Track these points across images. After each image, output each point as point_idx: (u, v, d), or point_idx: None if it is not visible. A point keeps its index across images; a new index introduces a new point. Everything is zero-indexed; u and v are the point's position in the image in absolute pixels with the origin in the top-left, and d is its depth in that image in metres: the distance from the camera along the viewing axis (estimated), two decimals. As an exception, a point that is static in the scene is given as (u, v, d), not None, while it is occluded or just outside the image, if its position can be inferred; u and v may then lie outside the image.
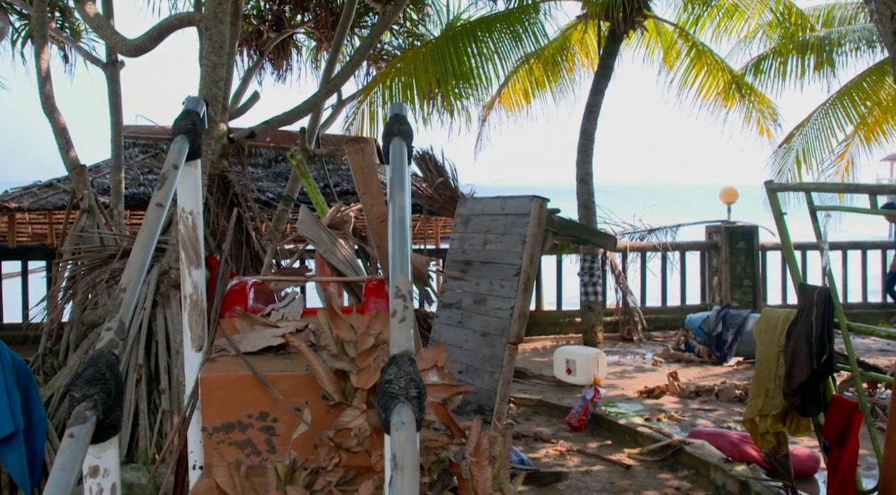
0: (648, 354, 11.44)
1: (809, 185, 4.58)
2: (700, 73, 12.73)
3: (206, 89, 6.47)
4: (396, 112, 2.67)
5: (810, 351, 4.53)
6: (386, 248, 2.70)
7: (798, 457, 6.30)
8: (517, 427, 7.74)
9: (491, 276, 6.26)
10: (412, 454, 1.60)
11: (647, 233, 13.84)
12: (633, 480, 6.35)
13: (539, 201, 5.97)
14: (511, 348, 5.90)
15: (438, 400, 2.33)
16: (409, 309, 1.94)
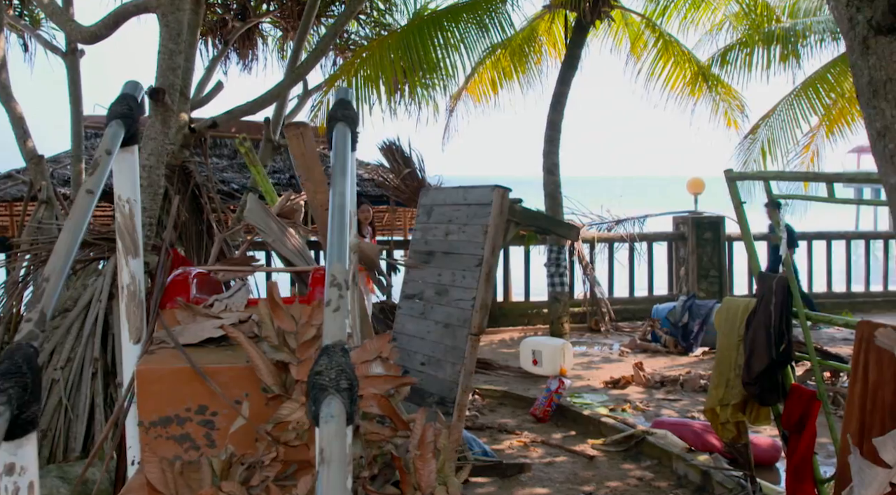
0: (616, 345, 11.47)
1: (768, 174, 4.56)
2: (667, 63, 12.74)
3: (162, 77, 6.34)
4: (341, 97, 2.60)
5: (769, 340, 4.52)
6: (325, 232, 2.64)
7: (760, 447, 6.33)
8: (482, 418, 7.70)
9: (453, 267, 6.20)
10: (340, 448, 1.54)
11: (615, 224, 13.87)
12: (596, 471, 6.34)
13: (501, 191, 5.92)
14: (473, 339, 5.85)
15: (382, 392, 2.27)
16: (345, 298, 1.88)
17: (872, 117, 3.31)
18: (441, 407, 5.92)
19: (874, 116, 3.30)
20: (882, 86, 3.25)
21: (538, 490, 5.94)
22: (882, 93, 3.25)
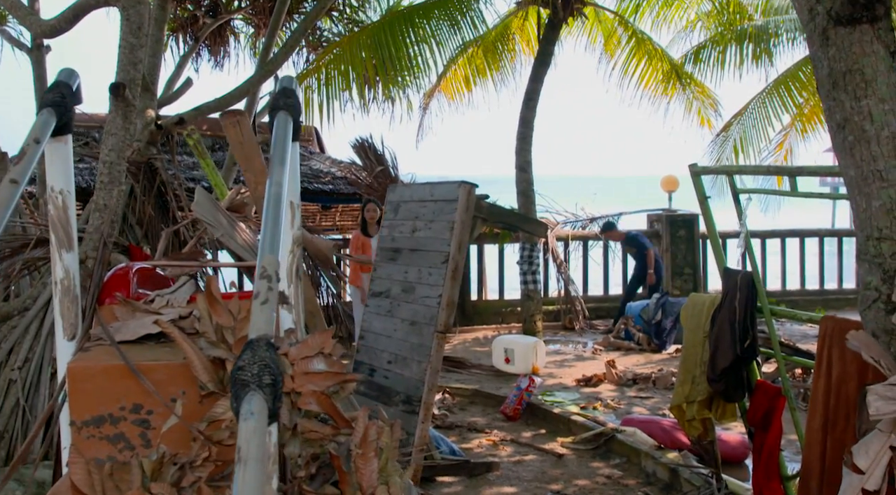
0: (589, 343, 11.43)
1: (731, 168, 4.54)
2: (640, 61, 12.73)
3: (123, 72, 6.21)
4: (285, 85, 2.52)
5: (733, 335, 4.48)
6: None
7: (729, 444, 6.30)
8: (451, 417, 7.63)
9: (419, 264, 6.13)
10: (258, 446, 1.46)
11: (589, 222, 13.84)
12: (565, 469, 6.28)
13: (467, 187, 5.86)
14: (439, 337, 5.79)
15: (322, 388, 2.19)
16: (274, 290, 1.80)
17: (832, 109, 3.27)
18: (407, 406, 5.86)
19: (834, 108, 3.26)
20: (842, 77, 3.21)
21: (506, 489, 5.88)
22: (841, 84, 3.22)
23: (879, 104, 3.11)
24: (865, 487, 2.76)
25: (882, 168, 3.07)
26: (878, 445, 2.74)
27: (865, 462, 2.73)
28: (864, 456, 2.75)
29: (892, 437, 2.66)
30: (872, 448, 2.74)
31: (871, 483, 2.72)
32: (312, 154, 13.73)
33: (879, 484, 2.71)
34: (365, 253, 9.32)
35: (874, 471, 2.71)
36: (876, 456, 2.75)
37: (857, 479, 2.76)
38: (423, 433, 5.71)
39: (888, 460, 2.71)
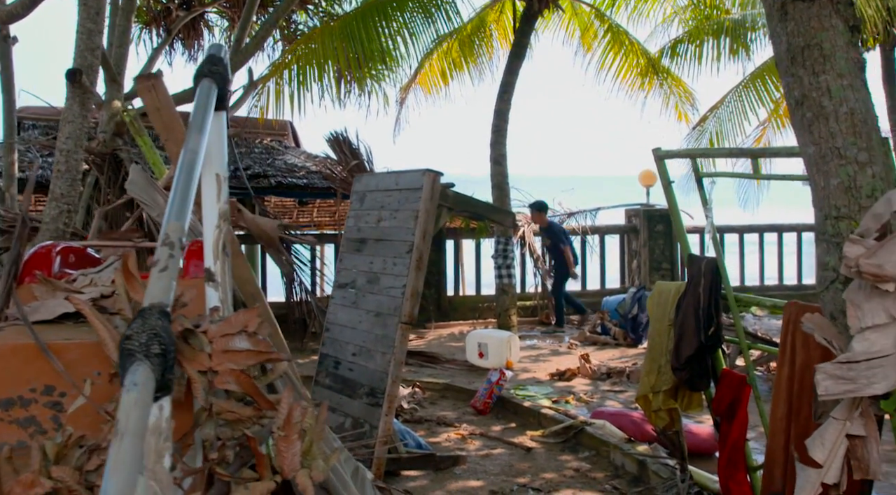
0: (566, 338, 11.33)
1: (695, 151, 4.45)
2: (617, 55, 12.66)
3: (80, 58, 6.07)
4: (212, 52, 2.40)
5: (697, 323, 4.39)
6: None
7: (699, 436, 6.22)
8: (421, 411, 7.52)
9: (384, 254, 6.02)
10: (138, 419, 1.35)
11: (567, 217, 13.75)
12: (533, 462, 6.19)
13: (432, 175, 5.74)
14: (403, 327, 5.67)
15: (242, 367, 2.08)
16: (175, 258, 1.69)
17: (791, 85, 3.18)
18: (371, 399, 5.75)
19: (792, 85, 3.17)
20: (800, 52, 3.12)
21: (472, 482, 5.77)
22: (800, 60, 3.12)
23: (838, 79, 3.02)
24: (825, 481, 2.65)
25: (840, 145, 2.98)
26: (834, 435, 2.63)
27: (822, 454, 2.63)
28: (820, 448, 2.64)
29: (846, 425, 2.56)
30: (828, 438, 2.63)
31: (830, 476, 2.62)
32: (287, 148, 13.56)
33: (839, 476, 2.61)
34: None
35: (832, 464, 2.61)
36: (832, 446, 2.64)
37: (814, 474, 2.66)
38: (387, 426, 5.59)
39: (845, 450, 2.61)
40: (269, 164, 12.56)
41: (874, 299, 2.21)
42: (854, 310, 2.27)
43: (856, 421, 2.51)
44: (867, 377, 2.33)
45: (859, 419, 2.51)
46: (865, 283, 2.25)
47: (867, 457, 2.57)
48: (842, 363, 2.31)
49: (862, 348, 2.27)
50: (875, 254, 2.13)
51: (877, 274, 2.12)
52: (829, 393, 2.34)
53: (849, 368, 2.34)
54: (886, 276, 2.12)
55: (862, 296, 2.25)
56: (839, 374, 2.35)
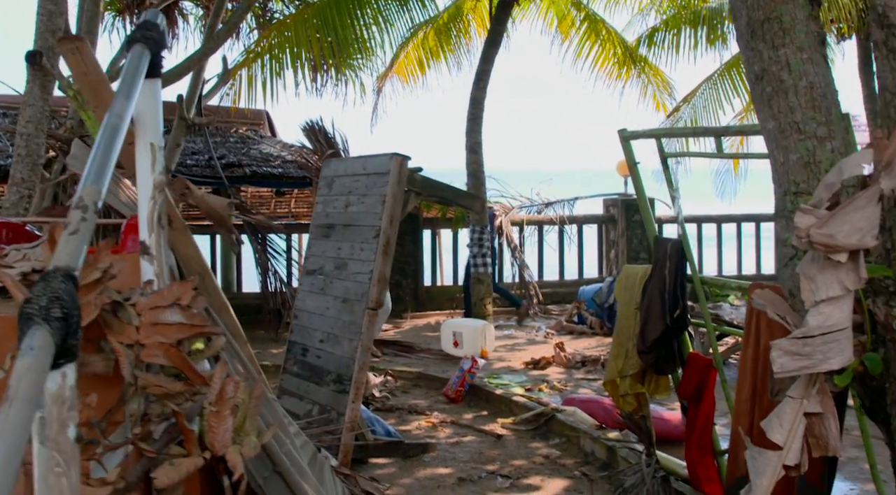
0: (543, 327, 11.29)
1: (659, 131, 4.39)
2: (594, 44, 12.58)
3: (41, 40, 5.96)
4: (147, 18, 2.32)
5: (663, 306, 4.35)
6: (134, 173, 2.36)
7: (670, 423, 6.18)
8: (393, 400, 7.46)
9: (352, 240, 5.94)
10: (31, 386, 1.27)
11: (545, 207, 13.69)
12: (503, 450, 6.14)
13: (399, 159, 5.67)
14: (370, 313, 5.60)
15: (172, 341, 2.00)
16: (88, 222, 1.61)
17: (751, 60, 3.13)
18: (338, 386, 5.68)
19: (752, 59, 3.11)
20: (760, 26, 3.07)
21: (441, 470, 5.71)
22: (760, 33, 3.07)
23: (797, 53, 2.97)
24: (786, 463, 2.59)
25: (799, 120, 2.93)
26: (792, 414, 2.57)
27: (781, 435, 2.57)
28: (779, 429, 2.58)
29: (804, 403, 2.51)
30: (786, 418, 2.57)
31: (790, 457, 2.56)
32: (263, 138, 13.45)
33: (799, 456, 2.55)
34: None
35: (792, 444, 2.55)
36: (791, 426, 2.59)
37: (774, 456, 2.59)
38: (354, 413, 5.52)
39: (804, 429, 2.56)
40: (244, 154, 12.44)
41: (827, 271, 2.16)
42: (808, 283, 2.21)
43: (813, 398, 2.46)
44: (823, 352, 2.27)
45: (816, 396, 2.46)
46: (819, 256, 2.20)
47: (826, 435, 2.52)
48: (797, 338, 2.26)
49: (816, 322, 2.22)
50: (826, 223, 2.08)
51: (828, 244, 2.06)
52: (784, 370, 2.28)
53: (804, 344, 2.28)
54: (838, 246, 2.06)
55: (815, 268, 2.19)
56: (794, 350, 2.29)
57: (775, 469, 2.62)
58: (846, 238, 2.06)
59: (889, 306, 2.31)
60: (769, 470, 2.63)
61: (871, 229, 2.05)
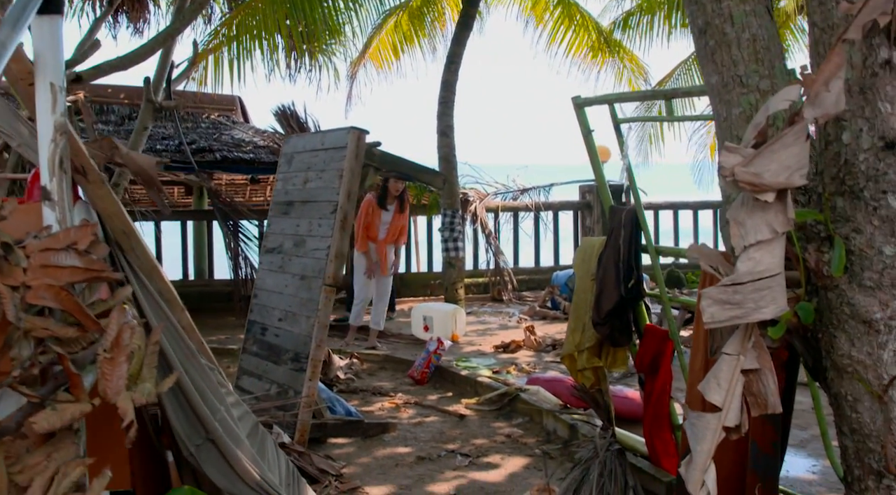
0: (516, 313, 11.22)
1: (611, 96, 4.30)
2: (569, 28, 12.50)
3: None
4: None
5: (618, 275, 4.27)
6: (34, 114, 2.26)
7: (634, 401, 6.11)
8: (357, 382, 7.35)
9: (310, 216, 5.84)
10: None
11: (520, 193, 13.60)
12: (465, 429, 6.06)
13: (356, 132, 5.57)
14: (327, 290, 5.51)
15: (62, 284, 1.90)
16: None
17: (695, 14, 3.04)
18: (295, 364, 5.58)
19: (696, 13, 3.02)
20: (703, -22, 2.99)
21: (400, 449, 5.62)
22: (703, -15, 2.99)
23: (740, 5, 2.88)
24: (726, 424, 2.50)
25: (742, 73, 2.85)
26: (729, 372, 2.48)
27: (719, 396, 2.47)
28: (717, 390, 2.49)
29: (741, 360, 2.42)
30: (723, 377, 2.47)
31: (730, 418, 2.46)
32: (235, 123, 13.29)
33: (739, 417, 2.46)
34: (373, 223, 8.85)
35: (731, 404, 2.46)
36: (729, 385, 2.50)
37: (714, 419, 2.50)
38: (311, 391, 5.43)
39: (742, 388, 2.47)
40: (215, 139, 12.29)
41: (756, 214, 2.07)
42: (737, 228, 2.13)
43: (749, 353, 2.37)
44: (755, 300, 2.18)
45: (752, 351, 2.37)
46: (748, 200, 2.11)
47: (764, 392, 2.43)
48: (727, 286, 2.16)
49: (747, 268, 2.13)
50: (752, 162, 1.99)
51: (754, 182, 1.98)
52: (715, 320, 2.19)
53: (734, 291, 2.19)
54: (765, 185, 1.98)
55: (744, 213, 2.11)
56: (725, 299, 2.20)
57: (715, 432, 2.52)
58: (773, 177, 1.98)
59: (820, 252, 2.24)
60: (709, 433, 2.52)
61: (799, 167, 1.97)
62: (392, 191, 8.82)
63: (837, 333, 2.27)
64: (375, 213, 8.89)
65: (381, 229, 8.91)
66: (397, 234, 9.11)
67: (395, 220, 8.99)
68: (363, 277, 9.00)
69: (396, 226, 9.00)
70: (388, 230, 8.95)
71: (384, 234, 8.94)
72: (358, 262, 9.12)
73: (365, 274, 8.96)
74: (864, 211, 2.10)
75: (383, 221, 8.88)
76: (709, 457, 2.50)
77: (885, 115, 2.04)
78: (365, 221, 8.85)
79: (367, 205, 8.91)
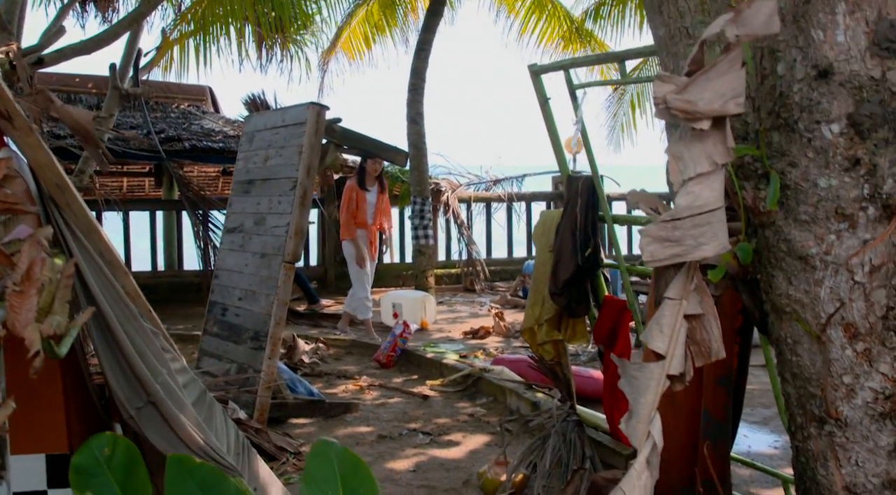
0: (487, 302, 11.17)
1: (565, 62, 4.26)
2: (540, 18, 12.48)
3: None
4: None
5: (574, 244, 4.22)
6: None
7: (599, 381, 6.08)
8: (323, 366, 7.29)
9: (270, 193, 5.77)
10: None
11: (493, 184, 13.56)
12: (429, 409, 6.00)
13: (316, 108, 5.50)
14: (287, 267, 5.43)
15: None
16: None
17: (643, -34, 3.02)
18: (255, 343, 5.51)
19: (644, -36, 3.00)
20: (650, -71, 2.95)
21: (362, 428, 5.56)
22: (650, -64, 2.95)
23: (687, -46, 2.85)
24: (669, 372, 2.44)
25: (689, 24, 2.81)
26: (671, 318, 2.42)
27: (662, 343, 2.41)
28: (660, 336, 2.42)
29: (683, 305, 2.37)
30: (666, 323, 2.40)
31: (674, 366, 2.40)
32: (206, 113, 13.18)
33: (683, 365, 2.40)
34: (360, 207, 8.51)
35: (674, 351, 2.40)
36: (672, 332, 2.44)
37: (657, 367, 2.43)
38: (270, 369, 5.35)
39: (686, 334, 2.42)
40: (184, 129, 12.18)
41: (695, 146, 2.02)
42: (675, 163, 2.07)
43: (692, 297, 2.32)
44: (694, 237, 2.13)
45: (695, 295, 2.32)
46: (686, 133, 2.07)
47: (708, 339, 2.38)
48: (666, 222, 2.11)
49: (685, 202, 2.07)
50: (686, 90, 1.95)
51: (687, 109, 1.93)
52: (654, 259, 2.14)
53: (674, 227, 2.13)
54: (699, 113, 1.93)
55: (682, 146, 2.06)
56: (664, 236, 2.14)
57: (659, 381, 2.45)
58: (708, 104, 1.93)
59: (757, 189, 2.20)
60: (653, 384, 2.45)
61: (734, 95, 1.92)
62: (371, 172, 8.55)
63: (775, 272, 2.23)
64: (360, 197, 8.58)
65: (368, 213, 8.62)
66: (382, 217, 8.92)
67: (379, 201, 8.73)
68: (356, 268, 8.69)
69: (380, 208, 8.77)
70: (375, 212, 8.69)
71: (372, 219, 8.69)
72: (348, 253, 8.79)
73: (357, 263, 8.67)
74: (798, 143, 2.06)
75: (369, 203, 8.62)
76: (653, 408, 2.44)
77: (817, 44, 2.00)
78: (350, 207, 8.55)
79: (350, 190, 8.63)
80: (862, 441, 2.32)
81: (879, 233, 2.02)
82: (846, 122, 1.97)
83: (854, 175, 1.99)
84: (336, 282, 12.15)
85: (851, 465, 2.37)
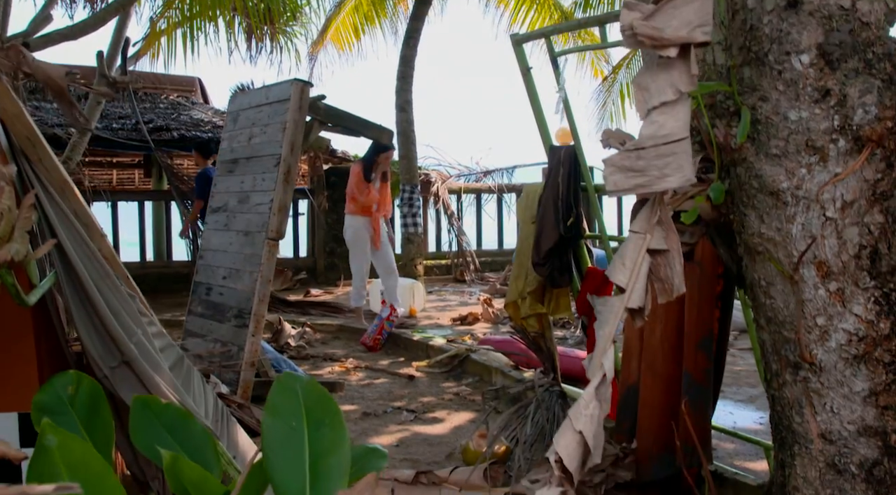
0: (477, 292, 11.15)
1: (547, 30, 4.27)
2: (531, 8, 12.46)
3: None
4: None
5: (556, 214, 4.20)
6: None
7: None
8: (309, 350, 7.26)
9: (254, 172, 5.73)
10: None
11: (483, 176, 13.55)
12: (414, 389, 5.98)
13: (300, 84, 5.47)
14: (270, 244, 5.40)
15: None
16: None
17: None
18: (238, 321, 5.48)
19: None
20: None
21: (346, 406, 5.54)
22: None
23: None
24: (629, 305, 2.39)
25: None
26: (635, 251, 2.36)
27: (624, 276, 2.37)
28: (621, 269, 2.38)
29: (647, 239, 2.34)
30: (628, 255, 2.35)
31: (633, 299, 2.37)
32: (195, 104, 13.15)
33: (643, 299, 2.38)
34: (361, 194, 8.26)
35: (635, 285, 2.38)
36: (634, 265, 2.39)
37: (617, 300, 2.39)
38: (254, 347, 5.31)
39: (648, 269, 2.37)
40: (173, 119, 12.15)
41: (660, 76, 2.00)
42: (640, 93, 2.05)
43: (656, 232, 2.29)
44: (659, 167, 2.09)
45: (659, 230, 2.29)
46: (652, 63, 2.05)
47: (671, 275, 2.35)
48: (629, 151, 2.07)
49: (650, 131, 2.04)
50: (652, 16, 1.93)
51: (654, 36, 1.91)
52: (618, 188, 2.11)
53: (638, 157, 2.09)
54: (665, 40, 1.91)
55: (648, 77, 2.04)
56: (628, 165, 2.10)
57: (618, 314, 2.39)
58: (675, 32, 1.91)
59: (729, 127, 2.18)
60: (612, 316, 2.40)
61: (701, 23, 1.90)
62: (382, 165, 8.36)
63: (747, 211, 2.21)
64: (360, 185, 8.34)
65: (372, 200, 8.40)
66: (384, 205, 8.69)
67: (383, 190, 8.54)
68: (358, 252, 8.50)
69: (384, 197, 8.58)
70: (379, 201, 8.47)
71: (376, 206, 8.45)
72: (351, 236, 8.56)
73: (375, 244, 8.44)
74: (769, 76, 2.04)
75: (373, 192, 8.45)
76: (609, 341, 2.40)
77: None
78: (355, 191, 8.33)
79: (357, 175, 8.40)
80: (837, 386, 2.30)
81: (850, 167, 2.00)
82: (816, 52, 1.96)
83: (824, 106, 1.97)
84: (325, 273, 12.11)
85: (827, 412, 2.35)
